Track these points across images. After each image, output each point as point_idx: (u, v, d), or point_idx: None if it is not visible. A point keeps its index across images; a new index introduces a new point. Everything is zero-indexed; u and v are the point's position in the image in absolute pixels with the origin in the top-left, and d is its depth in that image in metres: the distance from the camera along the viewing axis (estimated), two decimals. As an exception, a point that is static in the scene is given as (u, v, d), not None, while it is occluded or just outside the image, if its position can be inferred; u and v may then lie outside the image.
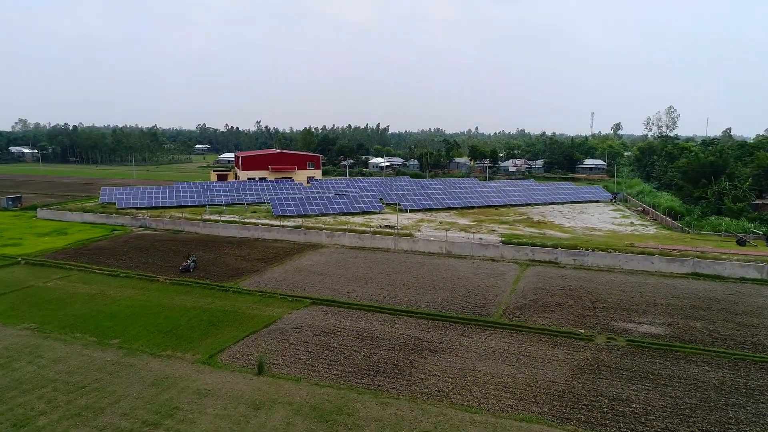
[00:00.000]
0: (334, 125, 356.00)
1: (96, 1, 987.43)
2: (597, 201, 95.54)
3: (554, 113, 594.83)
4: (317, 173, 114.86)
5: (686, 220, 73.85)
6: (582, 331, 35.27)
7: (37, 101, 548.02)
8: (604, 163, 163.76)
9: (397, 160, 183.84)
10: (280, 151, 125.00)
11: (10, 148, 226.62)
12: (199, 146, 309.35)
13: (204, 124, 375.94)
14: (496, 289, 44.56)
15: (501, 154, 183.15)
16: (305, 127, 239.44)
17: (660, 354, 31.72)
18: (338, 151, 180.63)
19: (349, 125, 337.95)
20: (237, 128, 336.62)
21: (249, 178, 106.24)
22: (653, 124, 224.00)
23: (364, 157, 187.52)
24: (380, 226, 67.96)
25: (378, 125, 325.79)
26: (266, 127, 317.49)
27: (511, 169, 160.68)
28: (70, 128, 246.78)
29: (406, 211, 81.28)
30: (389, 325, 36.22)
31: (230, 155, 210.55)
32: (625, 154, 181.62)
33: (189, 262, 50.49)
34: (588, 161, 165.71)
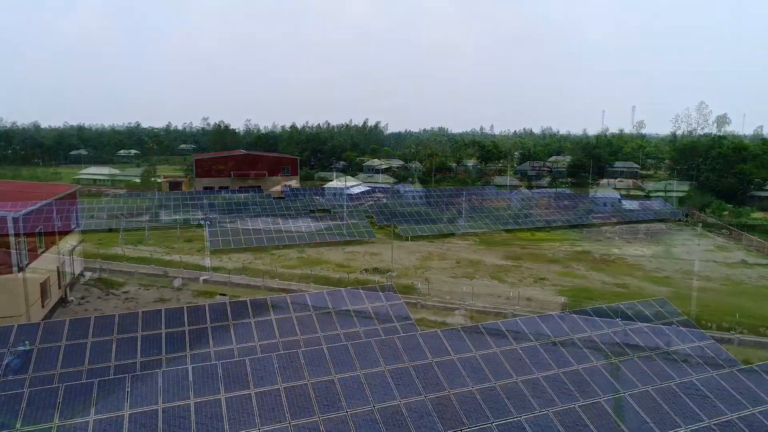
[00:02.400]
0: (328, 123, 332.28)
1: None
2: (662, 220, 71.49)
3: (559, 112, 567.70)
4: (294, 180, 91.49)
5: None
6: None
7: (22, 101, 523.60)
8: (638, 166, 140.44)
9: (397, 162, 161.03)
10: (245, 152, 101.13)
11: None
12: (183, 146, 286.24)
13: (191, 122, 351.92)
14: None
15: (516, 155, 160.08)
16: (292, 124, 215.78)
17: None
18: (329, 152, 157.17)
19: (346, 124, 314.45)
20: (226, 126, 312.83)
21: (205, 188, 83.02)
22: (682, 121, 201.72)
23: (358, 158, 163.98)
24: (365, 270, 44.61)
25: (377, 123, 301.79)
26: (256, 125, 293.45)
27: (529, 172, 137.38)
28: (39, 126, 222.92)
29: (407, 239, 57.95)
30: None
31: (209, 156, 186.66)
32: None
33: None
34: (618, 164, 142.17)
